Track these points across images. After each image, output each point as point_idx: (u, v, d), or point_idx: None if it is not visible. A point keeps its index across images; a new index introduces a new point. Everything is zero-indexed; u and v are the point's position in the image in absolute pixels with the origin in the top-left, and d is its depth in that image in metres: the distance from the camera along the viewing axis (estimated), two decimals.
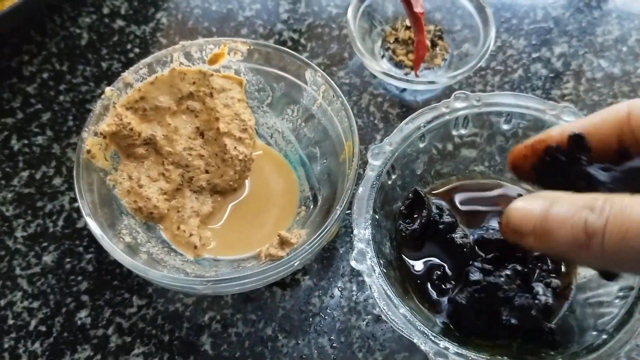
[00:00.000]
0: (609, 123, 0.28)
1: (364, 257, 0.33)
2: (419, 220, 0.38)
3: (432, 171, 0.41)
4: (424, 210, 0.38)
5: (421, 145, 0.39)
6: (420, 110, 0.38)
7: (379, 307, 0.32)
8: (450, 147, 0.41)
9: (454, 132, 0.40)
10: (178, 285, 0.33)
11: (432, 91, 0.49)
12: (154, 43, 0.52)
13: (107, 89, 0.38)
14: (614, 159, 0.28)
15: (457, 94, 0.38)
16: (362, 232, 0.34)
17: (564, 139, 0.29)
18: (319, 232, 0.34)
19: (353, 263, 0.33)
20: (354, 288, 0.41)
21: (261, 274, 0.33)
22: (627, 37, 0.52)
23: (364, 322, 0.40)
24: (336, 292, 0.41)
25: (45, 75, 0.51)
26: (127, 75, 0.39)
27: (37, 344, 0.39)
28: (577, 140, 0.28)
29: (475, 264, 0.35)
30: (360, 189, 0.36)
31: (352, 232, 0.34)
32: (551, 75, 0.50)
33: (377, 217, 0.36)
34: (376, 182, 0.36)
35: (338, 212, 0.34)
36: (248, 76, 0.43)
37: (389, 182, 0.38)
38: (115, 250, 0.34)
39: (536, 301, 0.33)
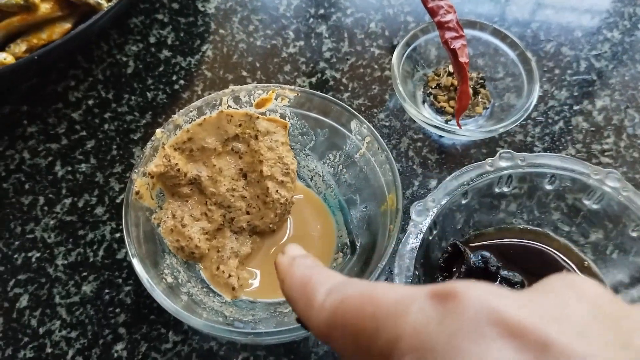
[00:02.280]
0: None
1: None
2: (456, 275, 0.38)
3: (470, 222, 0.41)
4: (463, 265, 0.38)
5: (463, 202, 0.39)
6: (465, 167, 0.38)
7: None
8: (491, 201, 0.41)
9: (497, 190, 0.40)
10: (219, 335, 0.33)
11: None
12: (198, 75, 0.53)
13: (158, 131, 0.39)
14: None
15: (503, 153, 0.39)
16: None
17: None
18: None
19: None
20: None
21: (301, 328, 0.33)
22: None
23: None
24: None
25: (90, 102, 0.52)
26: (177, 117, 0.40)
27: None
28: None
29: None
30: (402, 246, 0.36)
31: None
32: (592, 129, 0.50)
33: (417, 272, 0.36)
34: (418, 239, 0.36)
35: (379, 270, 0.35)
36: (293, 120, 0.43)
37: (430, 237, 0.38)
38: (159, 295, 0.34)
39: None
